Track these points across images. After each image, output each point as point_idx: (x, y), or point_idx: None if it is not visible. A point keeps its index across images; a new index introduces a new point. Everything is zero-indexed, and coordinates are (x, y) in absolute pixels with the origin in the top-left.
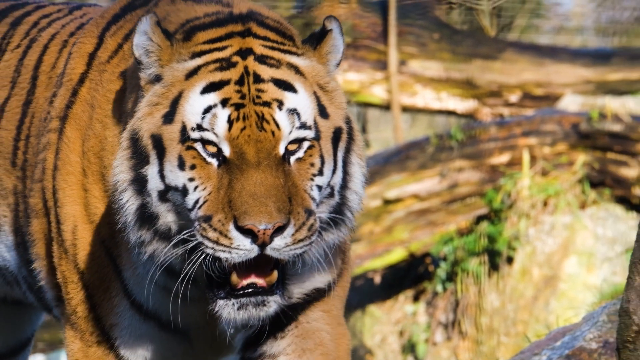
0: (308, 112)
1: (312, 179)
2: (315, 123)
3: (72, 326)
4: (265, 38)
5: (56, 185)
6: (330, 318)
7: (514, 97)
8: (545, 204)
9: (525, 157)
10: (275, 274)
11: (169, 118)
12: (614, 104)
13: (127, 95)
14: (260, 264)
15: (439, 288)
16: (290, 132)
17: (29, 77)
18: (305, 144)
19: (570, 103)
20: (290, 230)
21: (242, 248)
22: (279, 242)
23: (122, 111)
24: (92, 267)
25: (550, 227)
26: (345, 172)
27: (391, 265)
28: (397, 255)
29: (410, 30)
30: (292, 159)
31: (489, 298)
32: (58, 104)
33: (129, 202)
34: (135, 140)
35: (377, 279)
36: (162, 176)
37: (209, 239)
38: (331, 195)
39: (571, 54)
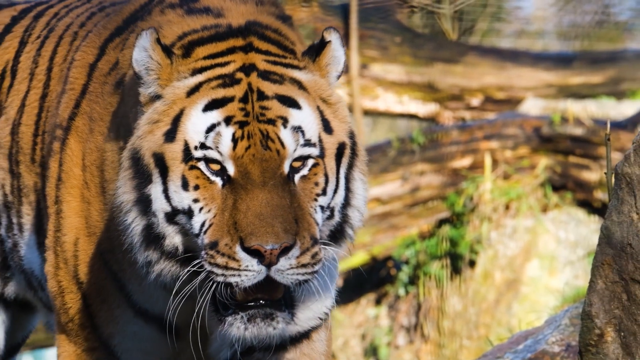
0: (313, 128)
1: (315, 199)
2: (320, 140)
3: (67, 332)
4: (267, 52)
5: (60, 197)
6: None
7: (475, 101)
8: (507, 207)
9: (487, 160)
10: (281, 289)
11: (170, 136)
12: (575, 107)
13: (123, 109)
14: (267, 286)
15: (401, 291)
16: (295, 150)
17: (44, 68)
18: (310, 162)
19: (532, 107)
20: (295, 252)
21: (251, 269)
22: (284, 262)
23: (119, 124)
24: (91, 279)
25: (512, 230)
26: (348, 189)
27: (353, 269)
28: (359, 258)
29: (372, 34)
30: (297, 177)
31: (451, 301)
32: (62, 112)
33: (135, 223)
34: (136, 160)
35: (339, 282)
36: (167, 197)
37: (217, 265)
38: (331, 217)
39: (533, 57)
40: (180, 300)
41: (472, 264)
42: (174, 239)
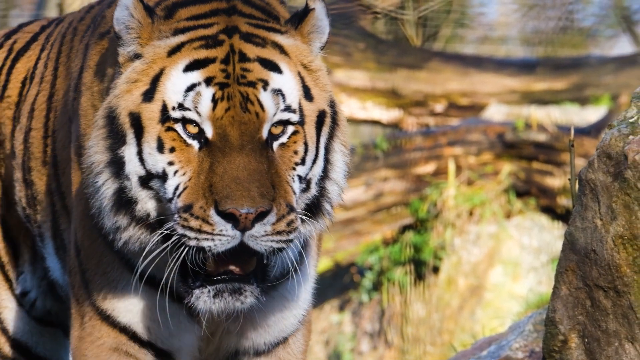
0: (293, 94)
1: (294, 168)
2: (300, 106)
3: (76, 314)
4: (250, 16)
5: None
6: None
7: (439, 107)
8: (470, 213)
9: (451, 166)
10: (253, 262)
11: (148, 96)
12: (539, 113)
13: (103, 67)
14: (238, 256)
15: (365, 298)
16: (275, 114)
17: (52, 69)
18: (290, 129)
19: (496, 113)
20: (271, 218)
21: (225, 234)
22: (258, 228)
23: (98, 77)
24: (86, 246)
25: (475, 236)
26: (327, 161)
27: (317, 275)
28: (322, 264)
29: (335, 40)
30: (276, 144)
31: (414, 307)
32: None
33: (105, 186)
34: (111, 119)
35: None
36: (141, 159)
37: (191, 228)
38: (307, 189)
39: (496, 63)
40: (150, 264)
41: (435, 270)
42: (146, 204)
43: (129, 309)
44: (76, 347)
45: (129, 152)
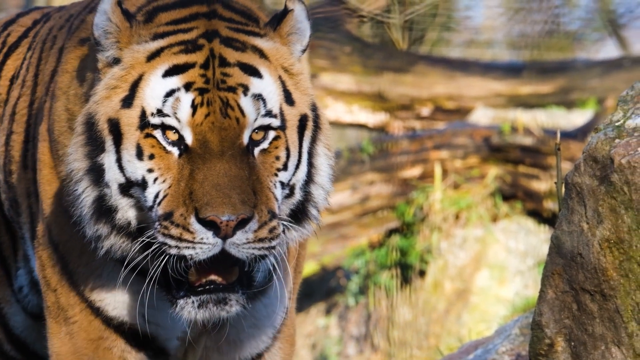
0: (274, 98)
1: (276, 174)
2: (281, 111)
3: (54, 314)
4: (230, 20)
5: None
6: (287, 341)
7: (425, 111)
8: (457, 217)
9: (437, 170)
10: (235, 271)
11: (127, 102)
12: (525, 117)
13: (83, 72)
14: (220, 264)
15: (351, 301)
16: (255, 119)
17: (32, 74)
18: (271, 134)
19: (482, 116)
20: (253, 225)
21: (206, 242)
22: (240, 236)
23: (75, 83)
24: (64, 238)
25: (462, 240)
26: (311, 165)
27: (303, 278)
28: (309, 268)
29: (321, 44)
30: (257, 150)
31: (401, 311)
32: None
33: (85, 194)
34: (90, 125)
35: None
36: (120, 166)
37: (171, 236)
38: (291, 194)
39: (482, 67)
40: (132, 274)
41: (422, 273)
42: (127, 212)
43: (117, 299)
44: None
45: (108, 159)
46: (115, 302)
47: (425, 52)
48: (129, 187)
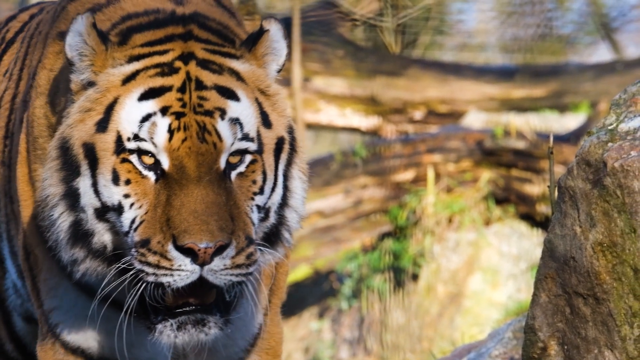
0: (251, 122)
1: (252, 198)
2: (259, 134)
3: (39, 319)
4: (207, 41)
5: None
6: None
7: (418, 114)
8: (450, 220)
9: (430, 174)
10: (212, 293)
11: (102, 126)
12: (517, 121)
13: (57, 87)
14: (197, 288)
15: (344, 305)
16: (232, 143)
17: (18, 68)
18: (247, 158)
19: (474, 120)
20: (230, 251)
21: (184, 269)
22: (218, 262)
23: (51, 90)
24: (33, 246)
25: (455, 244)
26: (286, 188)
27: (296, 282)
28: (302, 272)
29: (314, 47)
30: (233, 174)
31: (394, 315)
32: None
33: (61, 219)
34: (65, 150)
35: (283, 296)
36: (96, 191)
37: (149, 264)
38: (266, 218)
39: (475, 71)
40: (106, 300)
41: (415, 277)
42: (103, 236)
43: (82, 327)
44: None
45: (83, 183)
46: (76, 329)
47: (418, 55)
48: (104, 212)
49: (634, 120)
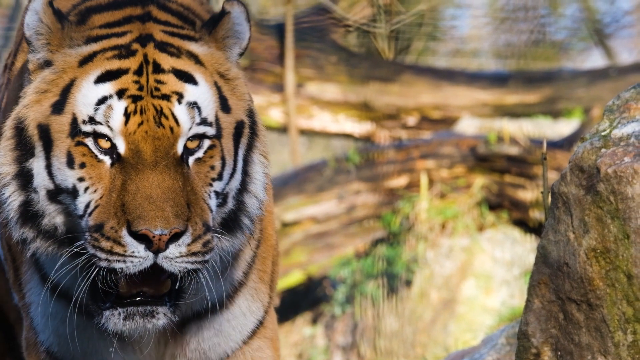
0: (209, 106)
1: (210, 184)
2: (217, 119)
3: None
4: (166, 23)
5: None
6: (270, 342)
7: (411, 120)
8: (443, 226)
9: (423, 180)
10: (167, 283)
11: (58, 108)
12: (511, 126)
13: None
14: (152, 276)
15: (337, 311)
16: (190, 128)
17: (7, 75)
18: (206, 143)
19: (468, 126)
20: (186, 238)
21: (137, 255)
22: (173, 250)
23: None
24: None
25: (448, 249)
26: (245, 173)
27: (289, 288)
28: (295, 278)
29: (308, 53)
30: (191, 159)
31: (387, 321)
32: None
33: (12, 198)
34: (20, 130)
35: (275, 301)
36: (50, 173)
37: (102, 249)
38: (223, 203)
39: (468, 76)
40: (62, 278)
41: (408, 283)
42: (54, 218)
43: (45, 322)
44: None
45: (37, 165)
46: (45, 325)
47: (412, 61)
48: (57, 194)
49: (628, 127)
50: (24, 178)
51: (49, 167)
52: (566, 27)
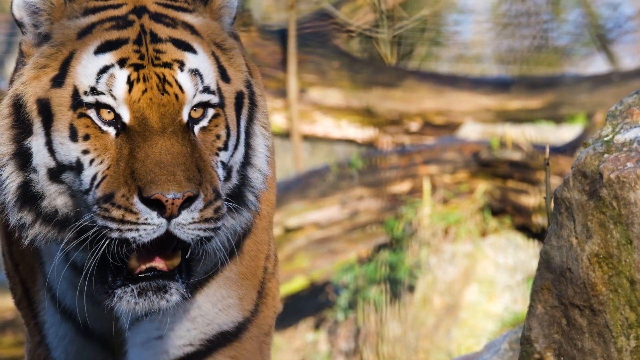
0: (210, 74)
1: (217, 154)
2: (219, 87)
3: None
4: None
5: None
6: None
7: (414, 126)
8: (446, 232)
9: (426, 185)
10: (178, 256)
11: (58, 81)
12: (514, 132)
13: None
14: (161, 250)
15: (340, 316)
16: (194, 95)
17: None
18: (210, 112)
19: (471, 131)
20: (199, 204)
21: (150, 222)
22: (186, 215)
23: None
24: (24, 258)
25: (451, 255)
26: (248, 145)
27: (292, 294)
28: (298, 283)
29: (310, 59)
30: (197, 128)
31: (390, 326)
32: None
33: (9, 179)
34: (18, 107)
35: (278, 307)
36: (50, 150)
37: (113, 219)
38: (228, 177)
39: (471, 82)
40: (69, 277)
41: (411, 288)
42: (55, 200)
43: (58, 341)
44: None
45: (36, 142)
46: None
47: (414, 67)
48: (59, 172)
49: (630, 132)
50: (23, 157)
51: (49, 143)
52: (569, 33)
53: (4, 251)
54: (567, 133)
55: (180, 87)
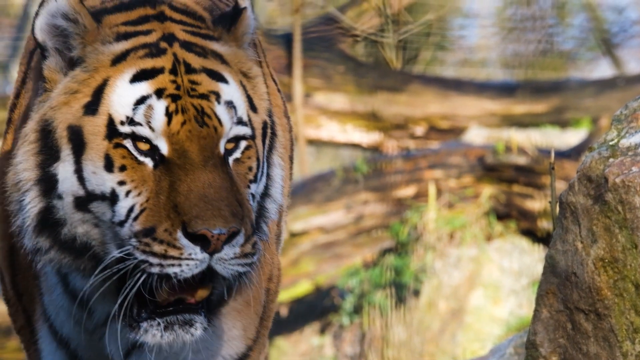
0: (242, 106)
1: (249, 186)
2: (249, 118)
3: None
4: (182, 22)
5: None
6: None
7: (419, 130)
8: (451, 236)
9: (431, 189)
10: (207, 289)
11: (91, 109)
12: (519, 136)
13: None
14: (190, 283)
15: (345, 321)
16: (231, 128)
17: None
18: (242, 144)
19: (476, 136)
20: (240, 239)
21: (194, 258)
22: (228, 250)
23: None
24: (27, 289)
25: (456, 259)
26: (268, 176)
27: (297, 298)
28: (303, 287)
29: (315, 63)
30: (230, 159)
31: (395, 331)
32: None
33: (31, 204)
34: (46, 133)
35: (284, 312)
36: (80, 178)
37: (154, 254)
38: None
39: (476, 86)
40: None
41: (416, 293)
42: (76, 228)
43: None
44: None
45: (63, 169)
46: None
47: (419, 71)
48: (88, 201)
49: (635, 136)
50: (47, 184)
51: (79, 171)
52: (574, 37)
53: (5, 280)
54: (572, 137)
55: (219, 120)
